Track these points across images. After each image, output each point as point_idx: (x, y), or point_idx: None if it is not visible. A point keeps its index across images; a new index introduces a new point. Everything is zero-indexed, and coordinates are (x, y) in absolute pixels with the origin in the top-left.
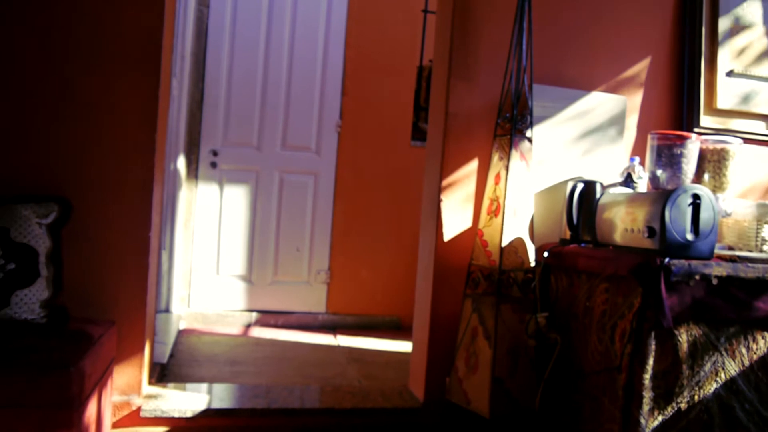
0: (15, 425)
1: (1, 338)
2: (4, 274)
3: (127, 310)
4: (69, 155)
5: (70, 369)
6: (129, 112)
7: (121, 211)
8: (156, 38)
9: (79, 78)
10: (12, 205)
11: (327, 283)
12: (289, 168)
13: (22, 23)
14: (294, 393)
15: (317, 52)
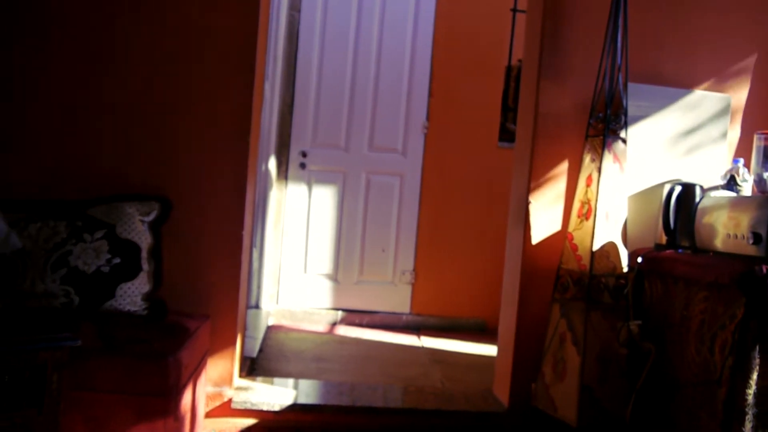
0: (117, 410)
1: (106, 328)
2: (111, 268)
3: (220, 305)
4: (169, 156)
5: (169, 359)
6: (225, 115)
7: (216, 209)
8: (251, 44)
9: (179, 83)
10: (118, 203)
11: (411, 284)
12: (375, 169)
13: (130, 33)
14: (377, 392)
15: (405, 54)
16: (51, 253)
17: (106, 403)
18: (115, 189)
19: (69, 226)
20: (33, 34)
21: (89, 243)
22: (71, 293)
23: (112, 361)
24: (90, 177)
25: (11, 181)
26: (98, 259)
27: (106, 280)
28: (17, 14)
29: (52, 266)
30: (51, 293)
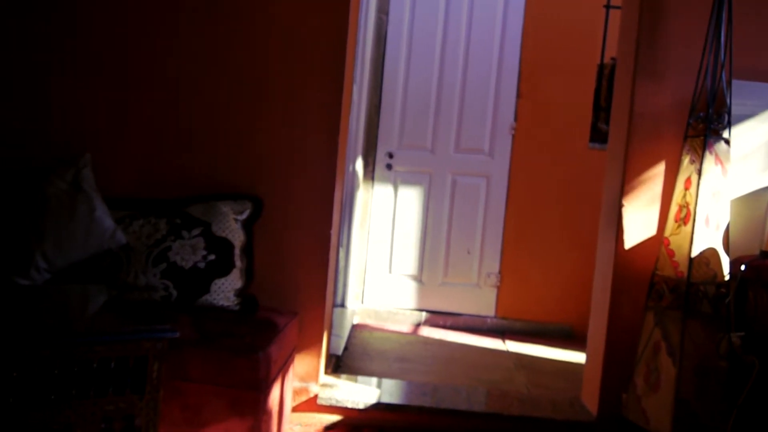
0: (211, 400)
1: (201, 321)
2: (206, 264)
3: (308, 303)
4: (261, 157)
5: (259, 354)
6: (314, 117)
7: (306, 209)
8: (341, 47)
9: (270, 86)
10: (214, 202)
11: (497, 287)
12: (461, 170)
13: (225, 38)
14: (461, 394)
15: (492, 54)
16: (152, 249)
17: (201, 393)
18: (211, 188)
19: (169, 224)
20: (136, 45)
21: (187, 240)
22: (170, 287)
23: (207, 354)
24: (187, 177)
25: (117, 182)
26: (195, 255)
27: (202, 276)
28: (126, 25)
29: (153, 261)
30: (152, 287)
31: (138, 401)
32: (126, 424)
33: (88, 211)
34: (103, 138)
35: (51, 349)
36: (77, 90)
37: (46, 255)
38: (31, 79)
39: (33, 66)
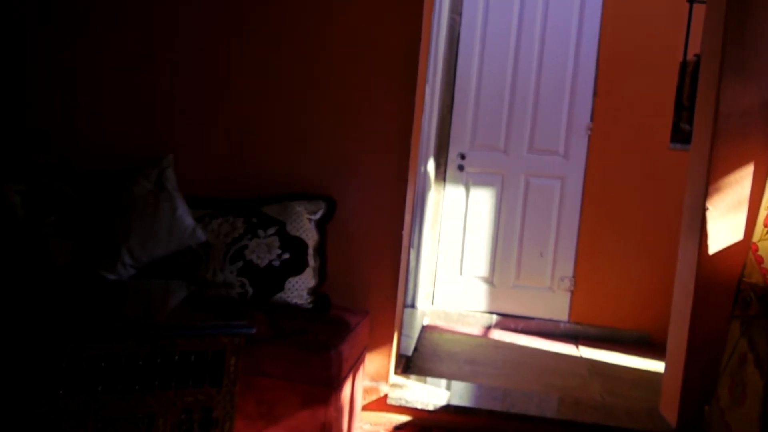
0: (284, 395)
1: (276, 318)
2: (281, 263)
3: (379, 303)
4: (334, 158)
5: (332, 352)
6: (387, 118)
7: (378, 209)
8: (414, 48)
9: (343, 87)
10: (288, 202)
11: (570, 291)
12: (535, 171)
13: (300, 42)
14: (532, 400)
15: (568, 53)
16: (230, 247)
17: (275, 388)
18: (286, 189)
19: (245, 223)
20: (215, 51)
21: (263, 238)
22: (246, 284)
23: (281, 350)
24: (264, 178)
25: (198, 182)
26: (270, 253)
27: (277, 274)
28: (206, 32)
29: (231, 259)
30: (229, 284)
31: (216, 394)
32: (204, 416)
33: (171, 209)
34: (185, 140)
35: (136, 341)
36: (162, 94)
37: (132, 251)
38: (121, 83)
39: (123, 71)
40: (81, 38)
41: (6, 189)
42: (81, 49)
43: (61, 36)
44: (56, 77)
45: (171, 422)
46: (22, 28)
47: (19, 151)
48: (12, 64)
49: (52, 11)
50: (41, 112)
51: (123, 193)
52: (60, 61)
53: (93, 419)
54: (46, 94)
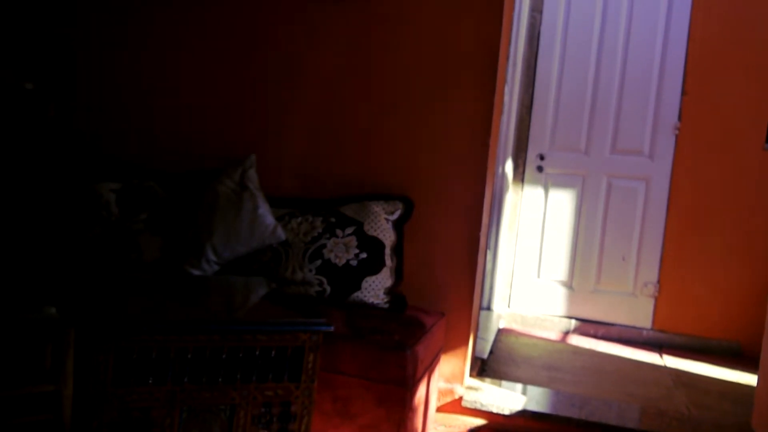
0: (360, 394)
1: (353, 317)
2: (358, 262)
3: (455, 304)
4: (412, 158)
5: (407, 351)
6: (465, 119)
7: (455, 210)
8: (493, 48)
9: (422, 87)
10: (366, 202)
11: (654, 297)
12: (617, 173)
13: (378, 45)
14: (612, 409)
15: (654, 50)
16: (309, 246)
17: (351, 386)
18: (364, 189)
19: (324, 222)
20: (298, 55)
21: (341, 238)
22: (324, 283)
23: (357, 349)
24: (342, 178)
25: (279, 181)
26: (348, 253)
27: (354, 273)
28: (290, 36)
29: (310, 257)
30: (308, 282)
31: (294, 389)
32: (283, 410)
33: (253, 208)
34: (267, 140)
35: (221, 335)
36: (245, 96)
37: (216, 248)
38: (207, 88)
39: (209, 77)
40: (163, 42)
41: (102, 187)
42: (165, 53)
43: (143, 39)
44: (140, 82)
45: (251, 415)
46: (104, 33)
47: (105, 152)
48: (95, 67)
49: (133, 17)
50: (127, 115)
51: (208, 192)
52: (142, 67)
53: (179, 409)
54: (129, 98)
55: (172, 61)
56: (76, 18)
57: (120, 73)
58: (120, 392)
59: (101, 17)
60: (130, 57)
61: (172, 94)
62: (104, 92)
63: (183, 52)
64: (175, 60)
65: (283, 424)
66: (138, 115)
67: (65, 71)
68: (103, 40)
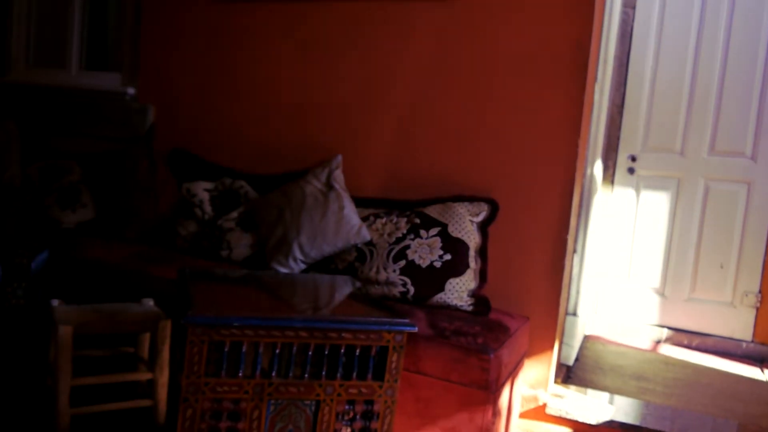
0: (442, 395)
1: (436, 319)
2: (442, 264)
3: (540, 308)
4: (498, 159)
5: (491, 355)
6: (554, 119)
7: (542, 212)
8: (584, 47)
9: (509, 88)
10: (450, 203)
11: (756, 307)
12: (716, 175)
13: (459, 40)
14: (706, 424)
15: (759, 44)
16: (393, 246)
17: (433, 387)
18: (448, 190)
19: (408, 223)
20: (383, 57)
21: (425, 239)
22: (408, 284)
23: (440, 350)
24: (427, 179)
25: (364, 182)
26: (431, 254)
27: (438, 275)
28: (379, 39)
29: (394, 258)
30: (391, 282)
31: (378, 388)
32: (366, 408)
33: (338, 208)
34: (354, 141)
35: (308, 332)
36: (334, 99)
37: (302, 247)
38: (296, 91)
39: (297, 80)
40: (253, 48)
41: (196, 186)
42: (256, 59)
43: (235, 46)
44: (231, 86)
45: (335, 411)
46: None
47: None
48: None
49: (224, 26)
50: (219, 117)
51: (296, 192)
52: (235, 71)
53: (267, 401)
54: (222, 101)
55: (261, 66)
56: (173, 26)
57: (213, 78)
58: (212, 383)
59: (198, 26)
60: (222, 63)
61: (262, 98)
62: (197, 96)
63: (272, 57)
64: (265, 65)
65: (366, 422)
66: (228, 119)
67: (163, 76)
68: (199, 48)
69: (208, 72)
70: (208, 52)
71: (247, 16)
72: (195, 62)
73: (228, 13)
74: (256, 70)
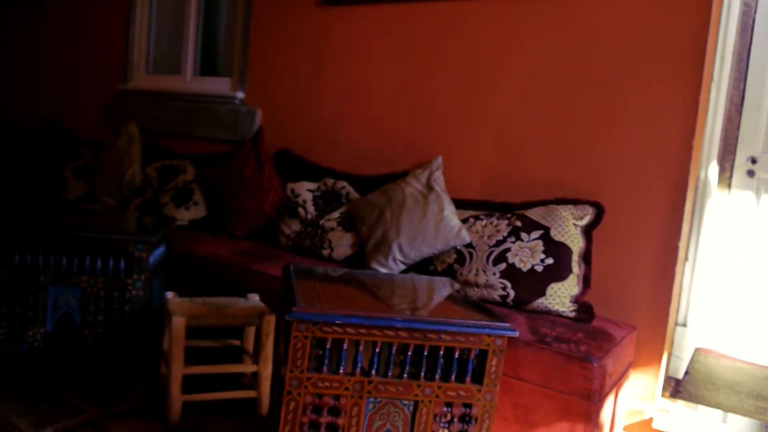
0: (542, 403)
1: (536, 324)
2: (543, 268)
3: (647, 318)
4: (604, 161)
5: (594, 363)
6: (666, 119)
7: (650, 217)
8: (700, 44)
9: (617, 88)
10: (553, 206)
11: None
12: None
13: (564, 39)
14: None
15: None
16: (493, 249)
17: (532, 394)
18: (551, 193)
19: (509, 225)
20: (482, 57)
21: (526, 242)
22: (507, 287)
23: (541, 356)
24: (528, 181)
25: (464, 184)
26: (533, 258)
27: (539, 279)
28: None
29: (494, 261)
30: (491, 285)
31: (476, 392)
32: (464, 411)
33: (438, 210)
34: (455, 143)
35: (408, 332)
36: (435, 101)
37: (402, 248)
38: (397, 94)
39: (399, 83)
40: (356, 52)
41: (300, 186)
42: (358, 62)
43: (338, 52)
44: (334, 90)
45: (433, 413)
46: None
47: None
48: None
49: (335, 32)
50: (321, 120)
51: (396, 193)
52: (338, 75)
53: (366, 399)
54: (327, 106)
55: (363, 67)
56: (279, 31)
57: (316, 80)
58: (314, 378)
59: (302, 31)
60: (325, 65)
61: (363, 100)
62: (300, 98)
63: (374, 59)
64: (366, 67)
65: (463, 425)
66: (330, 120)
67: (269, 80)
68: (303, 52)
69: (312, 74)
70: (311, 55)
71: (350, 19)
72: (299, 65)
73: (331, 16)
74: (358, 72)
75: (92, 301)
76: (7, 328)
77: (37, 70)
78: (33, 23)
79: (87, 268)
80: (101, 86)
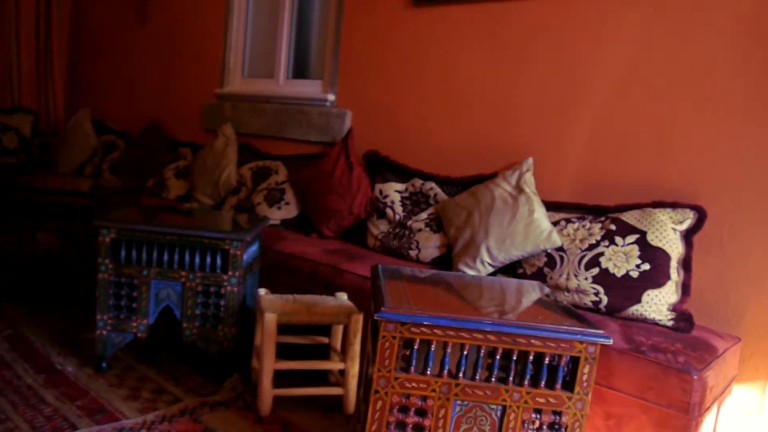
0: (635, 414)
1: (630, 332)
2: (639, 274)
3: (754, 329)
4: (706, 162)
5: (694, 375)
6: None
7: (758, 222)
8: None
9: (722, 79)
10: (651, 210)
11: None
12: None
13: (664, 34)
14: None
15: None
16: (585, 253)
17: (625, 405)
18: (645, 196)
19: (603, 229)
20: (574, 56)
21: (620, 247)
22: (600, 293)
23: (635, 366)
24: (624, 184)
25: (556, 186)
26: (628, 263)
27: (634, 285)
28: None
29: (586, 265)
30: (582, 290)
31: (567, 399)
32: (554, 419)
33: (528, 212)
34: (546, 144)
35: (496, 335)
36: (526, 100)
37: (490, 250)
38: (486, 93)
39: (489, 82)
40: (441, 54)
41: (388, 187)
42: (443, 64)
43: (431, 53)
44: (419, 92)
45: (522, 419)
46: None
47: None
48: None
49: (424, 33)
50: (408, 123)
51: (485, 195)
52: (424, 77)
53: (453, 401)
54: (410, 111)
55: (452, 68)
56: (369, 33)
57: (404, 81)
58: (402, 378)
59: (391, 32)
60: (413, 66)
61: (452, 101)
62: (390, 100)
63: (463, 60)
64: (456, 67)
65: None
66: (418, 121)
67: (359, 82)
68: (392, 53)
69: (401, 76)
70: (401, 56)
71: (440, 19)
72: (389, 67)
73: (422, 17)
74: (447, 73)
75: (190, 296)
76: (114, 319)
77: (143, 77)
78: (140, 35)
79: (186, 264)
80: (200, 90)
